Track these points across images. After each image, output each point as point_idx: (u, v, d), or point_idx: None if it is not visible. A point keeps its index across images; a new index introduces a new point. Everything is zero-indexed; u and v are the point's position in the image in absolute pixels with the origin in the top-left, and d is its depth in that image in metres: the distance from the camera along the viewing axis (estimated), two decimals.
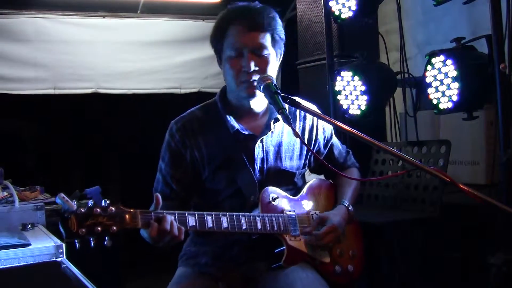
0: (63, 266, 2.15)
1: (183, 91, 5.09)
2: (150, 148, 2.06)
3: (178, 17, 4.98)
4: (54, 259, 2.25)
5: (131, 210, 1.63)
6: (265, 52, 1.93)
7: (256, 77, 1.90)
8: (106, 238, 1.56)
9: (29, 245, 2.31)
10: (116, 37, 4.76)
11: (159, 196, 1.70)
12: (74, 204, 1.52)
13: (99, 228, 1.54)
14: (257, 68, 1.90)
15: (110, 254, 3.30)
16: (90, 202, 1.56)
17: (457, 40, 2.65)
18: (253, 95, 1.95)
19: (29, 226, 2.70)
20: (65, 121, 5.48)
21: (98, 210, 1.55)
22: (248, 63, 1.89)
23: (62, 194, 1.52)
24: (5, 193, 3.02)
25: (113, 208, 1.59)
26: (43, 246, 2.33)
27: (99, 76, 4.73)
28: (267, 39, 1.94)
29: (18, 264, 2.19)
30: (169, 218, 1.68)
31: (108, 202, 1.59)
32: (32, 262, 2.22)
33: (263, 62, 1.92)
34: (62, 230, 1.52)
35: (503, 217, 2.20)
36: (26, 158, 5.79)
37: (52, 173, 5.61)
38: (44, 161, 5.73)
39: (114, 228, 1.56)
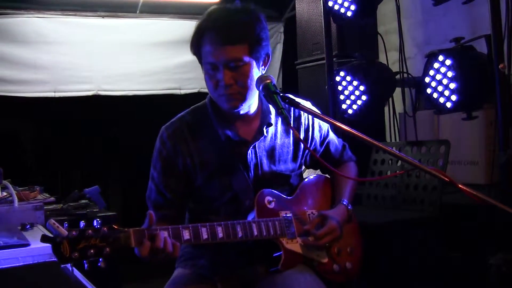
0: (62, 266, 2.14)
1: (183, 91, 5.09)
2: (150, 148, 2.04)
3: (177, 17, 4.98)
4: (54, 259, 2.24)
5: (125, 230, 1.60)
6: (241, 64, 1.83)
7: (234, 90, 1.85)
8: (100, 260, 1.53)
9: (29, 245, 2.30)
10: (116, 37, 4.76)
11: (153, 214, 1.65)
12: (65, 230, 1.49)
13: (92, 251, 1.51)
14: (233, 82, 1.84)
15: None
16: (82, 224, 1.53)
17: (457, 40, 2.66)
18: (235, 107, 1.89)
19: (29, 226, 2.69)
20: (64, 121, 5.47)
21: (90, 231, 1.52)
22: (223, 78, 1.82)
23: (53, 220, 1.49)
24: (4, 193, 3.01)
25: (106, 229, 1.55)
26: (43, 246, 2.31)
27: (99, 78, 4.72)
28: (242, 50, 1.82)
29: (18, 264, 2.18)
30: (163, 235, 1.64)
31: (100, 222, 1.56)
32: (31, 262, 2.21)
33: (240, 75, 1.84)
34: (54, 255, 1.49)
35: (503, 217, 2.20)
36: (26, 158, 5.78)
37: (51, 173, 5.60)
38: (43, 161, 5.72)
39: (107, 249, 1.53)
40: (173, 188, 1.95)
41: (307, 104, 2.01)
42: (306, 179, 2.15)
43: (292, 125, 2.06)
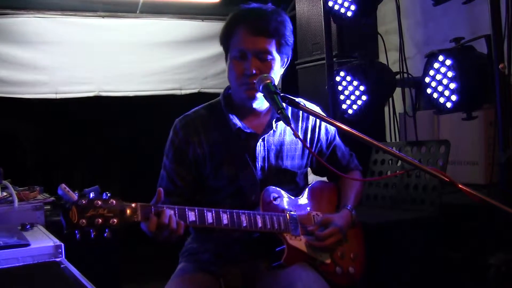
0: (62, 266, 2.14)
1: (183, 92, 5.10)
2: (150, 149, 2.07)
3: (177, 17, 4.98)
4: (53, 259, 2.25)
5: (132, 204, 1.65)
6: (269, 57, 1.93)
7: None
8: (107, 230, 1.57)
9: (28, 245, 2.30)
10: (116, 38, 4.76)
11: (162, 190, 1.72)
12: (75, 195, 1.54)
13: (100, 220, 1.55)
14: (259, 72, 1.91)
15: (109, 254, 3.30)
16: (92, 194, 1.57)
17: (456, 40, 2.65)
18: (253, 97, 1.96)
19: (29, 226, 2.69)
20: (65, 122, 5.48)
21: (99, 202, 1.57)
22: (250, 67, 1.91)
23: (64, 185, 1.54)
24: (5, 193, 3.02)
25: (114, 201, 1.60)
26: (42, 246, 2.32)
27: (100, 78, 4.73)
28: (272, 45, 1.94)
29: (17, 264, 2.19)
30: (168, 212, 1.69)
31: (109, 194, 1.60)
32: (31, 262, 2.22)
33: (265, 67, 1.93)
34: (63, 220, 1.52)
35: (503, 217, 2.20)
36: (26, 158, 5.79)
37: (51, 174, 5.61)
38: (43, 161, 5.73)
39: (115, 220, 1.58)
40: (183, 175, 2.01)
41: (316, 108, 2.06)
42: (313, 183, 2.19)
43: (300, 125, 2.10)
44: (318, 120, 2.16)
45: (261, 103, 2.02)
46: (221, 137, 2.02)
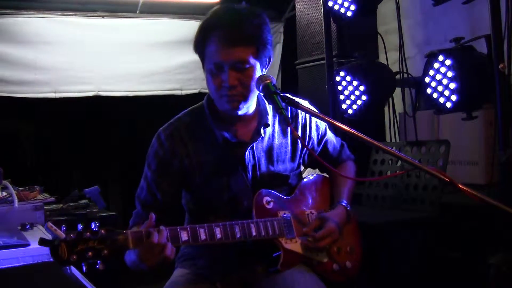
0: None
1: (184, 92, 5.09)
2: None
3: (177, 17, 4.98)
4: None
5: (123, 231, 1.59)
6: (247, 66, 1.82)
7: (237, 92, 1.84)
8: (99, 262, 1.52)
9: (28, 245, 2.30)
10: (116, 38, 4.75)
11: (153, 216, 1.66)
12: (62, 233, 1.49)
13: (90, 253, 1.50)
14: (237, 83, 1.83)
15: None
16: (80, 226, 1.53)
17: (456, 40, 2.66)
18: (236, 108, 1.87)
19: (28, 226, 2.69)
20: (65, 121, 5.47)
21: (88, 233, 1.51)
22: (228, 79, 1.81)
23: (50, 223, 1.49)
24: (4, 193, 3.01)
25: (104, 231, 1.54)
26: (42, 246, 2.32)
27: (100, 78, 4.71)
28: (250, 52, 1.82)
29: (17, 264, 2.19)
30: (160, 235, 1.64)
31: (98, 224, 1.55)
32: (31, 262, 2.22)
33: (245, 76, 1.83)
34: (53, 258, 1.48)
35: (503, 217, 2.20)
36: (26, 158, 5.78)
37: (51, 173, 5.60)
38: (43, 161, 5.72)
39: (105, 251, 1.52)
40: (165, 189, 1.95)
41: (305, 103, 2.01)
42: (304, 179, 2.15)
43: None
44: (308, 118, 2.11)
45: (246, 109, 1.94)
46: (208, 146, 1.95)
